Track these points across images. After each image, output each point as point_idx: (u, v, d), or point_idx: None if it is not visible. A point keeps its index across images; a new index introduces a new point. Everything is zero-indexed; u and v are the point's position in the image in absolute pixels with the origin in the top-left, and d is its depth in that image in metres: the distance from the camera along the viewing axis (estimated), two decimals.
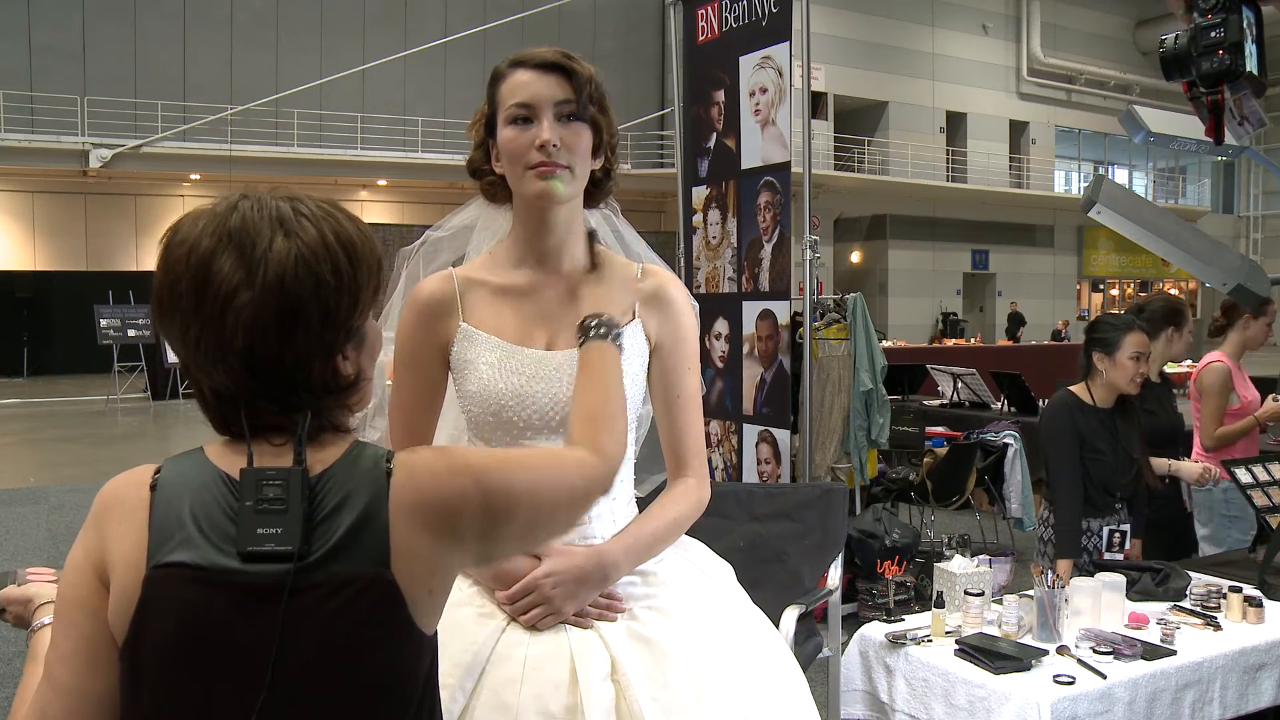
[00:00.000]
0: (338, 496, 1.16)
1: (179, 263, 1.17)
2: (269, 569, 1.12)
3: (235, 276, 1.14)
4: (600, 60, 1.75)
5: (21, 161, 20.92)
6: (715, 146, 5.45)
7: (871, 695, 3.07)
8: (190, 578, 1.12)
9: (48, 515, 8.25)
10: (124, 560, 1.14)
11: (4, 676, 4.74)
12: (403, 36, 22.79)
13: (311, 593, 1.12)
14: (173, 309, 1.18)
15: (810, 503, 2.91)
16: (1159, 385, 4.15)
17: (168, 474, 1.18)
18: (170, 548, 1.12)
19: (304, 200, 1.21)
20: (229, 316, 1.14)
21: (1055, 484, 3.68)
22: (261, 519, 1.13)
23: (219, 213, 1.19)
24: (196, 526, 1.13)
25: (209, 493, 1.15)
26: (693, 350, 1.82)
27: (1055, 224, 30.79)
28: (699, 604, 1.71)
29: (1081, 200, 4.19)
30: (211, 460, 1.18)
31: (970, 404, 8.59)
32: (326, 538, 1.14)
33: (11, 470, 11.01)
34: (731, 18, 5.30)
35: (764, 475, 5.17)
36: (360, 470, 1.18)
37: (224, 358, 1.15)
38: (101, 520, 1.17)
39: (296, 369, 1.17)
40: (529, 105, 1.66)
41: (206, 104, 21.61)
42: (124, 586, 1.13)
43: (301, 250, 1.16)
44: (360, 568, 1.14)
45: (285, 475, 1.15)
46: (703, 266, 5.61)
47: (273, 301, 1.14)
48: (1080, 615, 3.02)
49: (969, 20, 28.76)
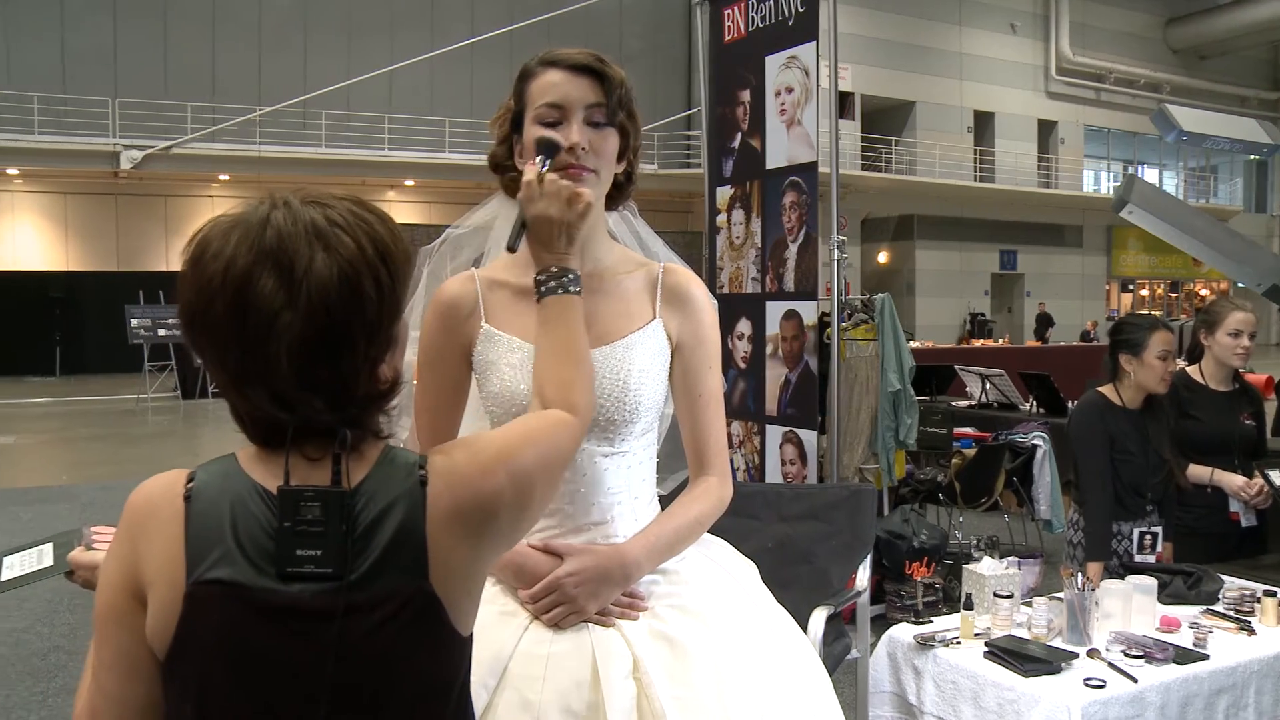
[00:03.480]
0: (375, 510, 1.14)
1: (212, 281, 1.12)
2: (310, 588, 1.11)
3: (277, 299, 1.10)
4: (626, 61, 1.75)
5: (54, 163, 21.17)
6: (740, 146, 5.44)
7: (900, 697, 3.04)
8: (231, 595, 1.10)
9: (80, 513, 8.33)
10: (161, 576, 1.12)
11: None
12: (429, 37, 22.89)
13: (353, 611, 1.12)
14: (207, 329, 1.14)
15: (839, 504, 2.90)
16: (1222, 394, 3.90)
17: (202, 484, 1.15)
18: (209, 564, 1.11)
19: (333, 204, 1.18)
20: (271, 341, 1.11)
21: (1085, 486, 3.64)
22: (300, 540, 1.11)
23: (252, 225, 1.14)
24: (236, 543, 1.11)
25: (246, 507, 1.13)
26: (714, 349, 1.81)
27: (1084, 224, 30.58)
28: (721, 602, 1.70)
29: (1113, 200, 4.17)
30: (246, 470, 1.16)
31: (998, 405, 8.53)
32: (365, 555, 1.12)
33: (44, 468, 11.12)
34: (758, 17, 5.29)
35: (789, 476, 5.15)
36: (395, 480, 1.16)
37: (266, 381, 1.12)
38: (134, 533, 1.15)
39: (342, 386, 1.15)
40: (559, 106, 1.65)
41: (235, 105, 21.78)
42: (163, 602, 1.12)
43: (343, 267, 1.13)
44: (400, 583, 1.13)
45: (324, 496, 1.13)
46: (726, 266, 5.59)
47: (317, 323, 1.11)
48: (1110, 618, 2.99)
49: (997, 19, 28.61)
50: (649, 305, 1.77)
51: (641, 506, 1.73)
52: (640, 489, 1.73)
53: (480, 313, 1.73)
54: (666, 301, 1.77)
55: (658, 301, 1.77)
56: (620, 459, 1.69)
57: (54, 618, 5.50)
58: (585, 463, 1.66)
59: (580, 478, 1.67)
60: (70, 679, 4.65)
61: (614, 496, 1.69)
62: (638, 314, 1.75)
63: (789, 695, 1.64)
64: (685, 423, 1.81)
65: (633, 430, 1.69)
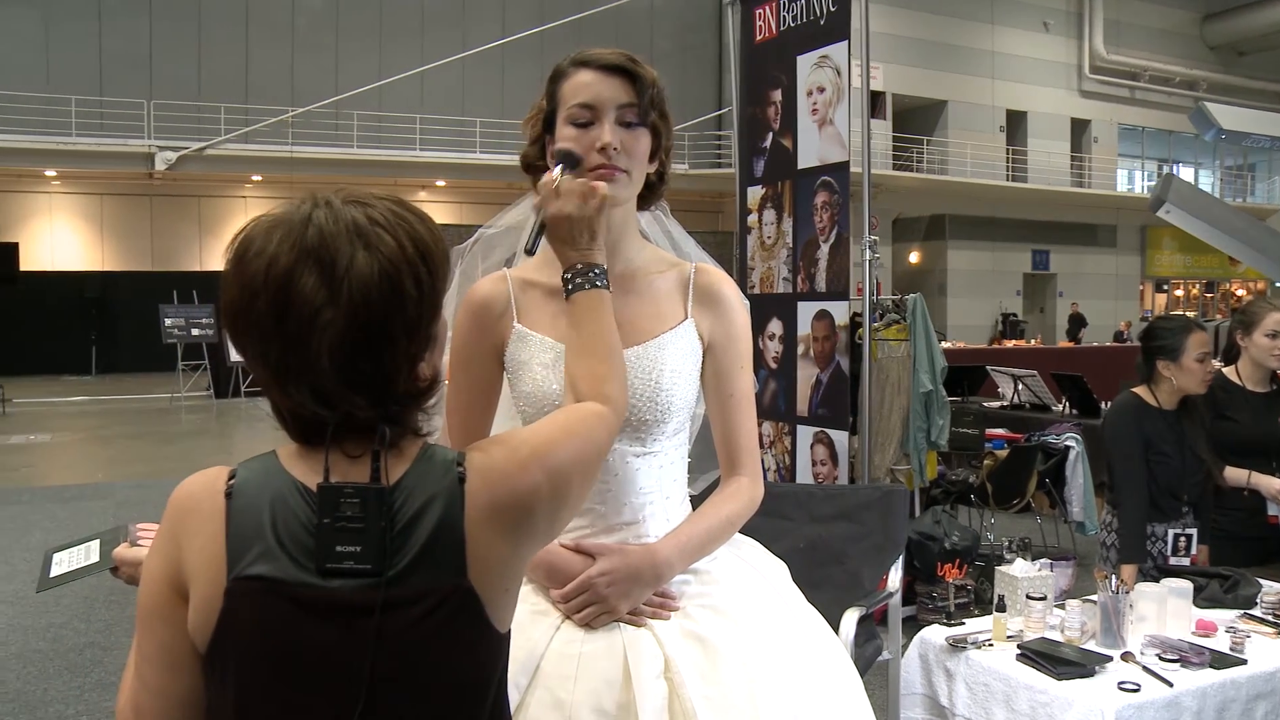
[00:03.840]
0: (414, 506, 1.15)
1: (255, 278, 1.14)
2: (349, 584, 1.12)
3: (318, 296, 1.12)
4: (657, 60, 1.74)
5: (91, 164, 21.43)
6: (771, 146, 5.43)
7: (931, 699, 3.03)
8: (271, 591, 1.12)
9: (115, 510, 8.42)
10: (202, 571, 1.14)
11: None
12: (461, 38, 22.98)
13: (392, 607, 1.13)
14: (250, 326, 1.15)
15: (870, 504, 2.88)
16: (1259, 395, 3.84)
17: (243, 481, 1.17)
18: (250, 560, 1.12)
19: (374, 204, 1.19)
20: (313, 337, 1.12)
21: (1119, 487, 3.61)
22: (340, 536, 1.12)
23: (294, 224, 1.16)
24: (276, 539, 1.13)
25: (286, 504, 1.14)
26: (745, 349, 1.81)
27: (1118, 223, 30.31)
28: (753, 603, 1.70)
29: (1150, 200, 4.12)
30: (286, 467, 1.18)
31: (1031, 406, 8.47)
32: (405, 551, 1.14)
33: (81, 466, 11.25)
34: (789, 17, 5.27)
35: (820, 477, 5.13)
36: (433, 477, 1.17)
37: (308, 377, 1.14)
38: (176, 529, 1.16)
39: (382, 383, 1.16)
40: (591, 106, 1.65)
41: (268, 106, 21.96)
42: (204, 597, 1.13)
43: (384, 265, 1.14)
44: (439, 579, 1.14)
45: (363, 493, 1.14)
46: (758, 267, 5.58)
47: (358, 320, 1.13)
48: (1145, 621, 2.96)
49: (1029, 17, 28.40)
50: (681, 305, 1.77)
51: (673, 506, 1.73)
52: (672, 489, 1.73)
53: (512, 313, 1.74)
54: (698, 301, 1.77)
55: (690, 301, 1.77)
56: (652, 459, 1.69)
57: (91, 613, 5.56)
58: (617, 463, 1.67)
59: (612, 478, 1.67)
60: (107, 674, 4.71)
61: (646, 496, 1.69)
62: (670, 314, 1.75)
63: (820, 696, 1.64)
64: (717, 423, 1.81)
65: (665, 430, 1.69)
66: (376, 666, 1.13)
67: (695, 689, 1.52)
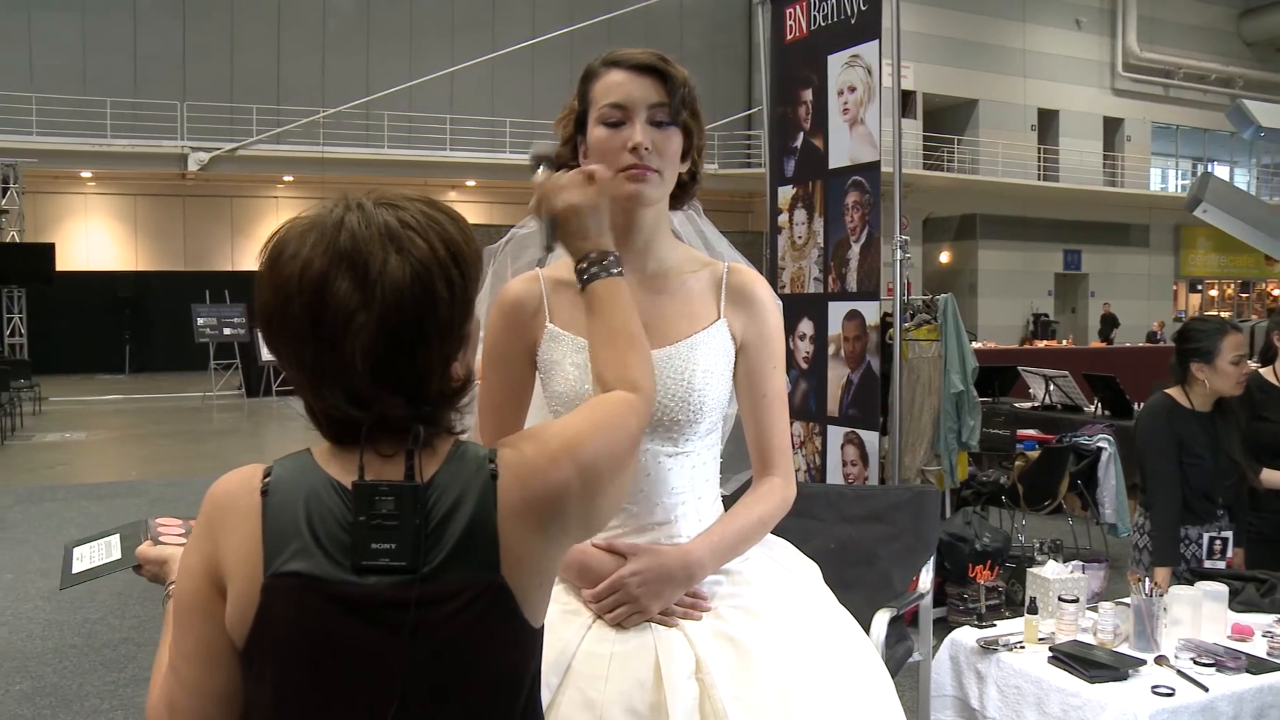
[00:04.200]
0: (447, 503, 1.16)
1: (289, 282, 1.15)
2: (384, 581, 1.13)
3: (352, 300, 1.13)
4: (687, 60, 1.74)
5: (125, 166, 21.70)
6: (802, 146, 5.41)
7: (962, 701, 3.02)
8: (307, 587, 1.13)
9: (148, 508, 8.49)
10: (240, 568, 1.15)
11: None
12: (490, 39, 23.06)
13: (427, 603, 1.14)
14: (284, 329, 1.17)
15: (902, 505, 2.87)
16: None
17: (278, 479, 1.18)
18: (286, 556, 1.13)
19: (406, 206, 1.20)
20: (346, 341, 1.13)
21: (1152, 489, 3.58)
22: (375, 534, 1.13)
23: (327, 227, 1.16)
24: (312, 536, 1.14)
25: (321, 501, 1.16)
26: (778, 349, 1.80)
27: (1151, 223, 30.03)
28: (784, 603, 1.69)
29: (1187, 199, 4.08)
30: (321, 465, 1.19)
31: (1063, 406, 8.41)
32: (439, 548, 1.15)
33: (115, 464, 11.37)
34: (820, 16, 5.26)
35: (850, 477, 5.12)
36: (466, 474, 1.18)
37: (341, 380, 1.15)
38: (214, 525, 1.18)
39: (416, 384, 1.17)
40: (622, 106, 1.65)
41: (299, 107, 22.12)
42: (242, 593, 1.14)
43: (416, 268, 1.15)
44: (472, 575, 1.15)
45: (398, 491, 1.15)
46: (788, 266, 5.57)
47: (391, 323, 1.14)
48: (1179, 625, 2.94)
49: (1061, 15, 28.19)
50: (713, 305, 1.76)
51: (705, 507, 1.73)
52: (704, 489, 1.73)
53: (545, 312, 1.74)
54: (731, 301, 1.77)
55: (722, 301, 1.77)
56: (684, 459, 1.69)
57: (125, 609, 5.62)
58: (649, 463, 1.67)
59: (644, 478, 1.67)
60: (141, 670, 4.76)
61: (678, 497, 1.69)
62: (702, 314, 1.74)
63: (852, 697, 1.63)
64: (749, 423, 1.80)
65: (697, 430, 1.69)
66: (411, 662, 1.14)
67: (727, 690, 1.52)
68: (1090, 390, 8.35)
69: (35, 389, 15.52)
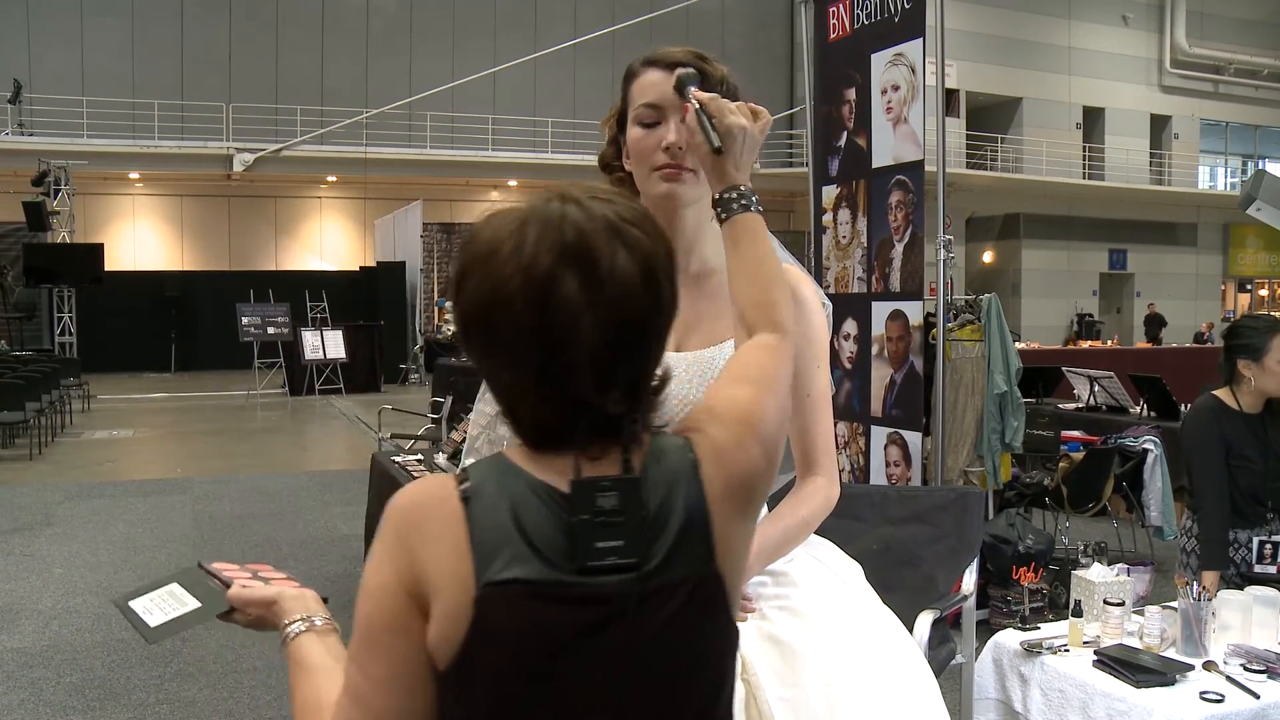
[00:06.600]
0: (659, 497, 1.11)
1: (510, 281, 1.07)
2: (610, 579, 1.08)
3: (580, 298, 1.07)
4: (729, 59, 1.73)
5: (172, 167, 22.01)
6: (846, 145, 5.40)
7: (1005, 704, 2.99)
8: (528, 594, 1.06)
9: (193, 505, 8.61)
10: (447, 580, 1.07)
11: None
12: (533, 39, 23.15)
13: (653, 600, 1.09)
14: (501, 331, 1.09)
15: (945, 506, 2.86)
16: None
17: (479, 484, 1.11)
18: (501, 564, 1.06)
19: (615, 200, 1.14)
20: (573, 343, 1.07)
21: (1199, 492, 3.53)
22: (600, 531, 1.08)
23: (549, 221, 1.09)
24: (526, 541, 1.07)
25: (530, 504, 1.09)
26: (823, 349, 1.79)
27: (1199, 221, 29.62)
28: (830, 605, 1.68)
29: (1240, 197, 4.01)
30: (523, 469, 1.12)
31: (1108, 408, 8.33)
32: (661, 542, 1.10)
33: (161, 461, 11.52)
34: (863, 15, 5.24)
35: (893, 478, 5.09)
36: (671, 464, 1.14)
37: (565, 382, 1.09)
38: (409, 539, 1.09)
39: (635, 383, 1.13)
40: (657, 106, 1.65)
41: (343, 108, 22.31)
42: (450, 606, 1.07)
43: (643, 264, 1.10)
44: (694, 567, 1.11)
45: (620, 486, 1.09)
46: (832, 266, 5.55)
47: (618, 322, 1.08)
48: (1229, 630, 2.90)
49: (1108, 11, 27.87)
50: None
51: None
52: None
53: None
54: None
55: None
56: None
57: None
58: None
59: None
60: (185, 664, 4.82)
61: None
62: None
63: (896, 698, 1.62)
64: (793, 423, 1.79)
65: None
66: (642, 662, 1.10)
67: (772, 691, 1.52)
68: (1136, 391, 8.26)
69: (84, 387, 15.75)
